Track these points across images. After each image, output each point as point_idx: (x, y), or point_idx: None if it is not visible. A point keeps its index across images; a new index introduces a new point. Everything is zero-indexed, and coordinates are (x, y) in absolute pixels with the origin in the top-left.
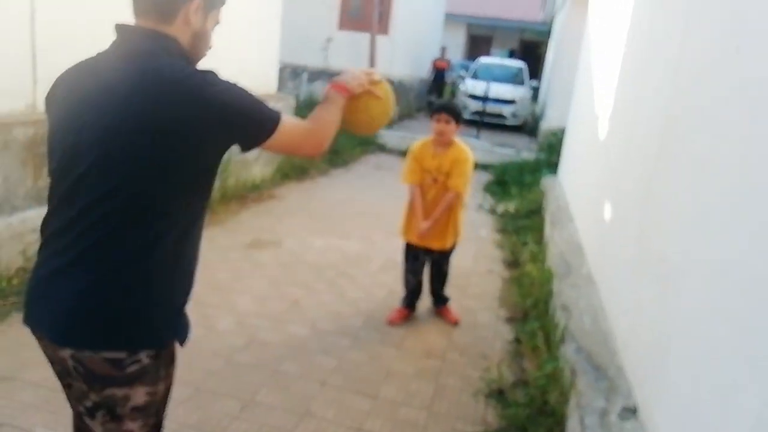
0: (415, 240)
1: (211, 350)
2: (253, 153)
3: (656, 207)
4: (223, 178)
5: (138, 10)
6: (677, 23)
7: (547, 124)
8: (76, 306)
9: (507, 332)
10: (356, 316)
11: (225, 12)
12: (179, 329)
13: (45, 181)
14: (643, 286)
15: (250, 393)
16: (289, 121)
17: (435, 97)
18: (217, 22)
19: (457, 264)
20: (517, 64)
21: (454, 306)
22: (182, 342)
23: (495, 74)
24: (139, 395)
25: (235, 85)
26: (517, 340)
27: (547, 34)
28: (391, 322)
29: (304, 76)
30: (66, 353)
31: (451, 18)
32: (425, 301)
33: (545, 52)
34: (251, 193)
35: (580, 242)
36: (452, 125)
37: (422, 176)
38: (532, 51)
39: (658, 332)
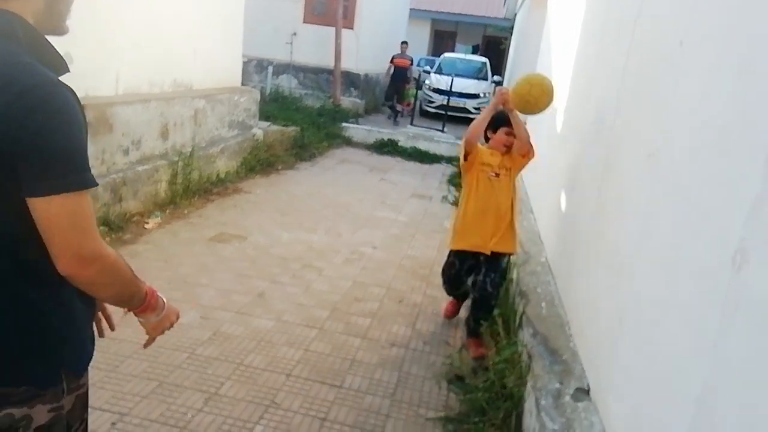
0: (475, 247)
1: (174, 344)
2: (218, 147)
3: (607, 197)
4: (186, 173)
5: None
6: (628, 20)
7: None
8: None
9: None
10: (321, 307)
11: (185, 5)
12: (69, 361)
13: None
14: (596, 274)
15: (214, 386)
16: (89, 210)
17: (395, 101)
18: None
19: (421, 255)
20: (480, 59)
21: (420, 297)
22: (76, 371)
23: (459, 69)
24: (41, 415)
25: (68, 122)
26: None
27: (510, 30)
28: (446, 316)
29: (270, 69)
30: None
31: (415, 13)
32: (381, 292)
33: (508, 47)
34: (216, 187)
35: (539, 231)
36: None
37: (480, 169)
38: (495, 47)
39: (610, 318)
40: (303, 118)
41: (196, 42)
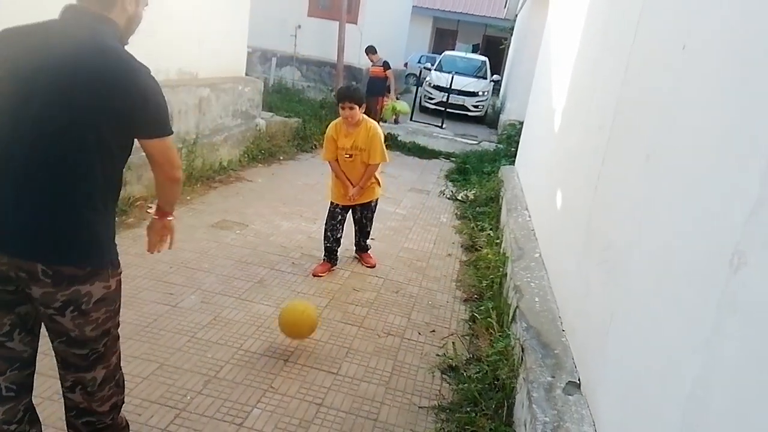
0: (341, 201)
1: (175, 327)
2: (221, 135)
3: (604, 195)
4: (190, 160)
5: None
6: (629, 21)
7: (506, 117)
8: (38, 229)
9: (463, 312)
10: (320, 296)
11: None
12: (113, 254)
13: None
14: (589, 270)
15: (213, 369)
16: (173, 144)
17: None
18: (146, 4)
19: (418, 247)
20: (480, 58)
21: (416, 288)
22: (116, 261)
23: (459, 67)
24: (98, 291)
25: (159, 90)
26: (472, 319)
27: (510, 30)
28: (316, 275)
29: (274, 60)
30: (36, 266)
31: (418, 11)
32: (379, 283)
33: (507, 47)
34: (218, 175)
35: (533, 228)
36: (356, 110)
37: (337, 153)
38: (494, 46)
39: (602, 313)
40: (305, 110)
41: (201, 31)
